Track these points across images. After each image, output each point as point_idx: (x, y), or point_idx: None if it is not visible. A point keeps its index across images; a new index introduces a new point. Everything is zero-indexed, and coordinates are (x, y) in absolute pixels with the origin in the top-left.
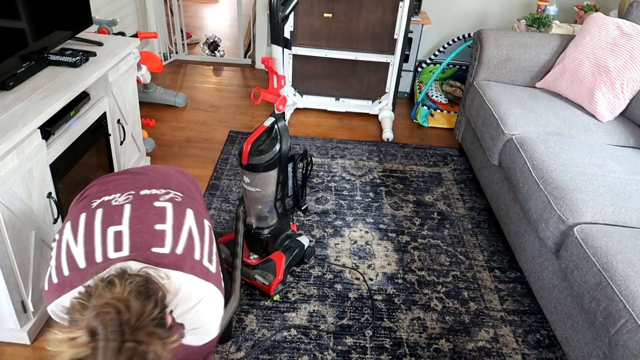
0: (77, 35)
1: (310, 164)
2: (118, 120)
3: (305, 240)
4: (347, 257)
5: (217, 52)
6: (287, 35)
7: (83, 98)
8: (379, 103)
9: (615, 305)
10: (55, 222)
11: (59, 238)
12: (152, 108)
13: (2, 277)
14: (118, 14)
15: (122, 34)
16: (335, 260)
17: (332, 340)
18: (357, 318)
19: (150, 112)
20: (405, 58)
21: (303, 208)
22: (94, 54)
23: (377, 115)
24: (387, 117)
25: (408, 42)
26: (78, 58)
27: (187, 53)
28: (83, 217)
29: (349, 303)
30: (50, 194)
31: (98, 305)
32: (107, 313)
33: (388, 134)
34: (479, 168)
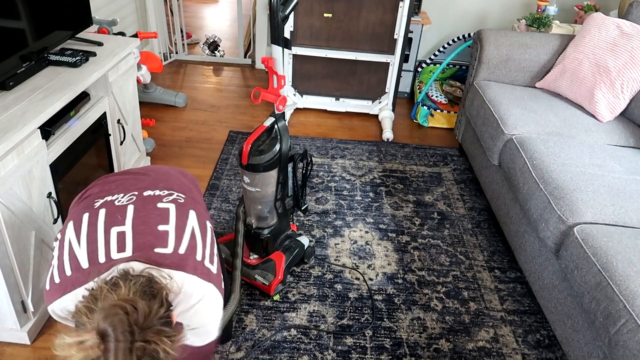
0: (77, 35)
1: (310, 164)
2: (118, 120)
3: (305, 240)
4: (347, 257)
5: (217, 52)
6: (287, 35)
7: (83, 98)
8: (379, 103)
9: (615, 305)
10: (55, 222)
11: (61, 238)
12: (152, 108)
13: (2, 277)
14: (118, 14)
15: (122, 34)
16: (335, 260)
17: (332, 340)
18: (357, 318)
19: (150, 112)
20: (405, 58)
21: (303, 208)
22: (94, 54)
23: (377, 115)
24: (387, 117)
25: (408, 42)
26: (78, 58)
27: (187, 53)
28: (86, 217)
29: (349, 303)
30: (50, 194)
31: (106, 307)
32: (115, 314)
33: (388, 134)
34: (479, 168)
